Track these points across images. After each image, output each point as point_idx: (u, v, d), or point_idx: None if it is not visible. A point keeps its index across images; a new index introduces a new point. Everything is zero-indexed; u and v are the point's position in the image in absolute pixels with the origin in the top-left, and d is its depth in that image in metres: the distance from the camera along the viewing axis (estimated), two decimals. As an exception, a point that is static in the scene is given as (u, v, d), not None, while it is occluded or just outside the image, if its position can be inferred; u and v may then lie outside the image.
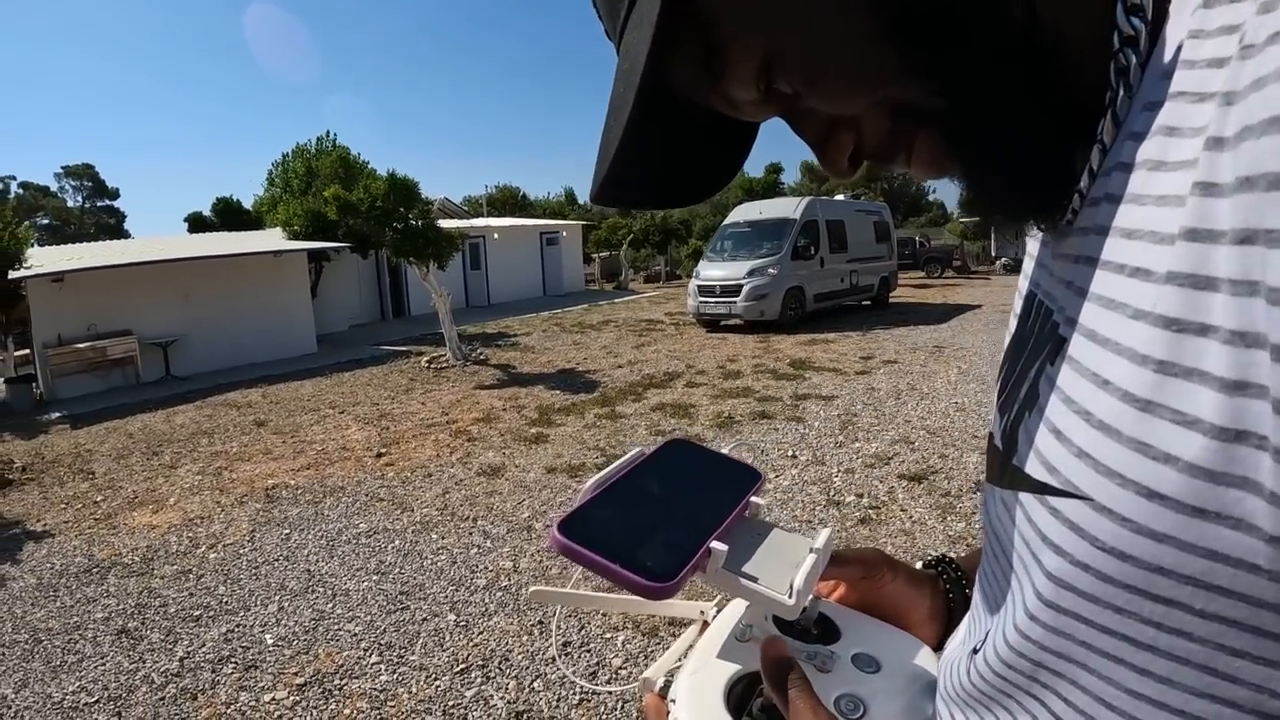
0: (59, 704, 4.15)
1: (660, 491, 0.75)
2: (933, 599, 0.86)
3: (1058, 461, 0.47)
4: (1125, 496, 0.41)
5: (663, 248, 37.91)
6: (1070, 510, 0.45)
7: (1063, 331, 0.51)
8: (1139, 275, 0.42)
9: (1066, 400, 0.47)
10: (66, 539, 6.66)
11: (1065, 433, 0.46)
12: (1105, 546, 0.42)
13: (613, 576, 0.62)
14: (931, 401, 9.70)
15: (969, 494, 6.33)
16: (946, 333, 16.04)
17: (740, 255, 18.68)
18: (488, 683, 4.05)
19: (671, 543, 0.67)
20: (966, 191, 0.56)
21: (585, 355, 15.16)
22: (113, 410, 12.49)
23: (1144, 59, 0.46)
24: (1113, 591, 0.43)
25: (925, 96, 0.51)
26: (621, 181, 0.62)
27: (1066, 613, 0.46)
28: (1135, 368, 0.41)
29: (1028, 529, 0.50)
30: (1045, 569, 0.47)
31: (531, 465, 7.85)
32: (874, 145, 0.57)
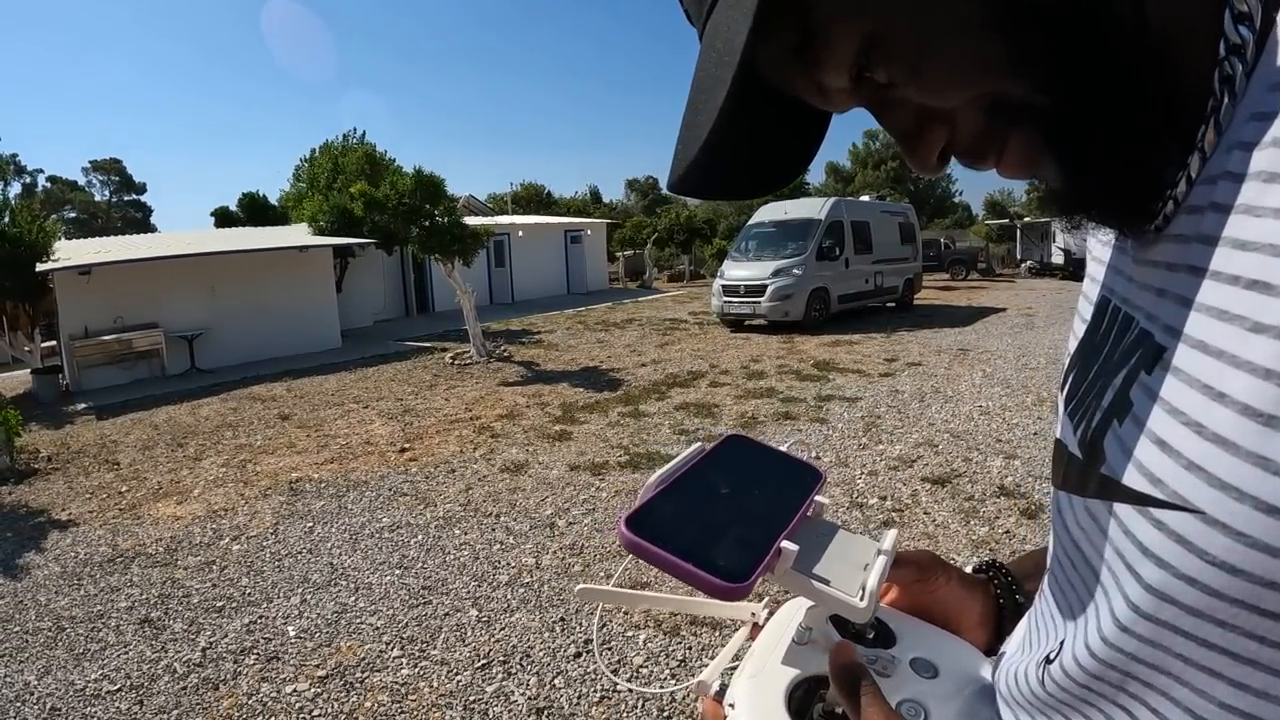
0: (81, 691, 4.17)
1: (724, 488, 0.74)
2: (984, 604, 0.85)
3: (1164, 473, 0.46)
4: (1241, 510, 0.40)
5: (687, 247, 37.85)
6: (1177, 523, 0.44)
7: (1160, 340, 0.49)
8: (1258, 288, 0.41)
9: (1173, 411, 0.46)
10: (91, 528, 6.71)
11: (1172, 444, 0.45)
12: (1215, 560, 0.41)
13: (685, 576, 0.60)
14: (956, 404, 9.64)
15: (992, 498, 6.27)
16: (971, 336, 15.94)
17: (765, 255, 18.61)
18: (509, 679, 4.05)
19: (741, 541, 0.65)
20: (1055, 191, 0.54)
21: (609, 353, 15.16)
22: (138, 402, 12.59)
23: (1249, 68, 0.45)
24: (1218, 606, 0.42)
25: (1029, 92, 0.49)
26: (707, 168, 0.59)
27: (1165, 625, 0.45)
28: (1258, 382, 0.40)
29: (1123, 540, 0.50)
30: (1144, 581, 0.47)
31: (554, 462, 7.85)
32: (966, 141, 0.54)
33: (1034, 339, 14.80)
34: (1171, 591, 0.44)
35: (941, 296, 25.77)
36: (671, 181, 0.62)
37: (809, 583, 0.67)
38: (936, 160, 0.56)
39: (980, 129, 0.53)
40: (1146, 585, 0.46)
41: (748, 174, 0.65)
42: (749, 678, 0.72)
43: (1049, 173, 0.54)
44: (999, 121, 0.52)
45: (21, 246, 13.84)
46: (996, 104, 0.51)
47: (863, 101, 0.57)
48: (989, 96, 0.51)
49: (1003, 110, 0.51)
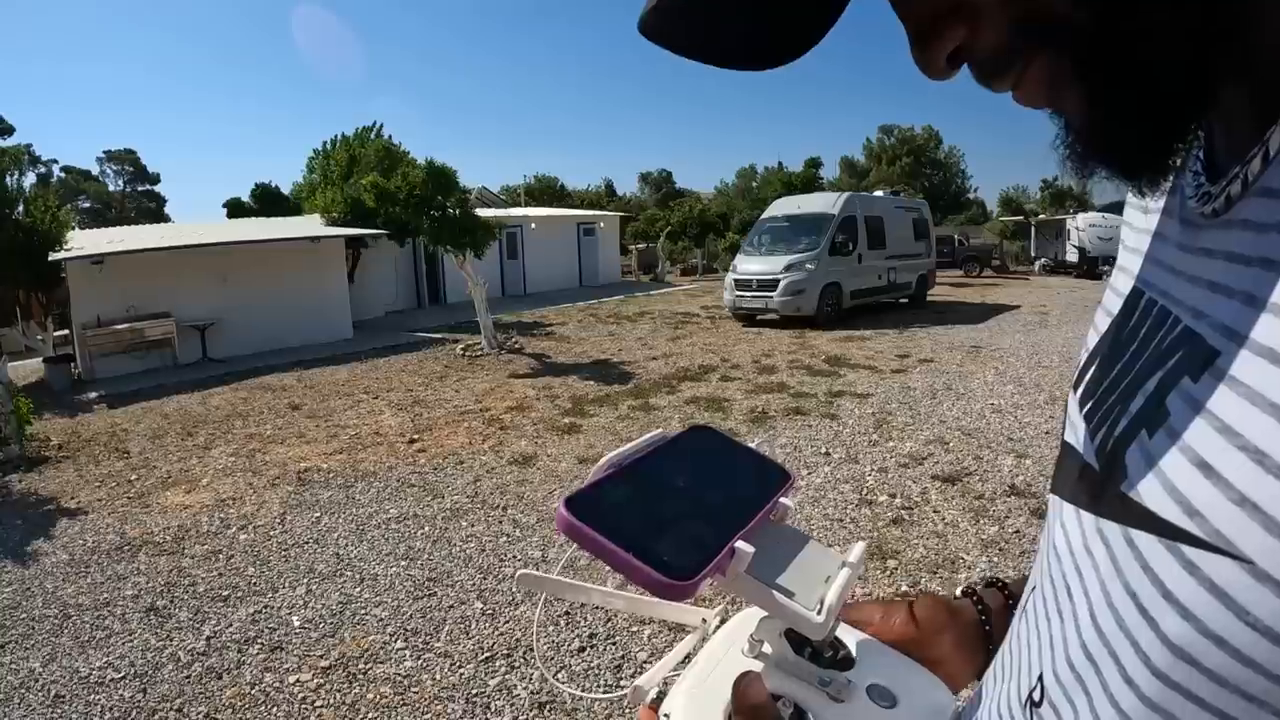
0: (85, 679, 4.18)
1: (681, 479, 0.69)
2: (957, 630, 0.80)
3: (1206, 506, 0.38)
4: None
5: (700, 241, 37.80)
6: (1216, 569, 0.37)
7: (1213, 343, 0.42)
8: None
9: (1225, 430, 0.38)
10: (99, 516, 6.72)
11: (1221, 472, 0.38)
12: (1257, 623, 0.34)
13: (623, 567, 0.56)
14: (967, 402, 9.60)
15: (1002, 497, 6.24)
16: (984, 333, 15.88)
17: (778, 250, 18.55)
18: (512, 672, 4.04)
19: (692, 537, 0.61)
20: (1074, 129, 0.48)
21: (620, 346, 15.15)
22: (149, 391, 12.62)
23: None
24: (1249, 678, 0.35)
25: (1070, 6, 0.42)
26: (681, 11, 0.51)
27: (1178, 689, 0.38)
28: None
29: (1139, 577, 0.42)
30: (1162, 631, 0.39)
31: (563, 455, 7.84)
32: (987, 49, 0.46)
33: (1047, 337, 14.76)
34: (1195, 651, 0.37)
35: (955, 293, 25.70)
36: (641, 16, 0.53)
37: (763, 590, 0.63)
38: (945, 63, 0.48)
39: (1003, 40, 0.46)
40: (1164, 638, 0.39)
41: (731, 35, 0.54)
42: (688, 689, 0.68)
43: (1071, 104, 0.47)
44: (1029, 35, 0.44)
45: (35, 236, 13.93)
46: (1028, 12, 0.44)
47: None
48: (1024, 2, 0.44)
49: (1033, 21, 0.44)
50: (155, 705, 3.90)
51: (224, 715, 3.79)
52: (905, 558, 5.19)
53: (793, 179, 41.77)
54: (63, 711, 3.91)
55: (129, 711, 3.87)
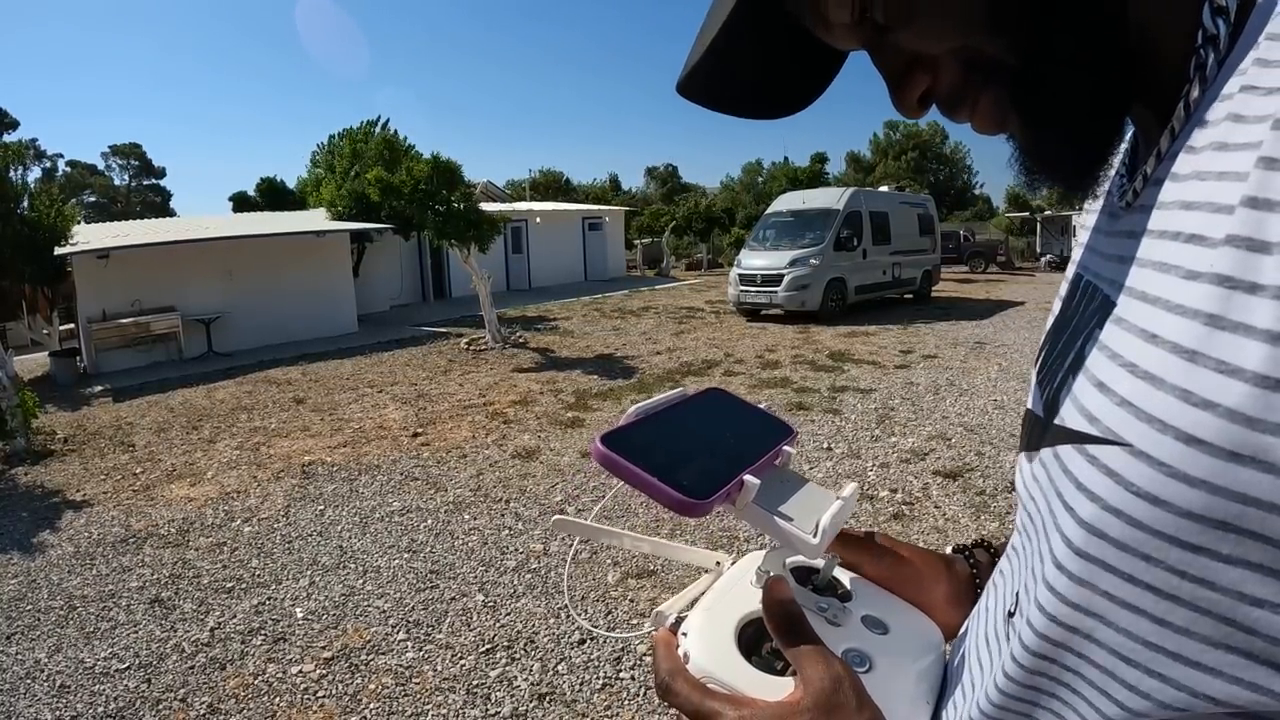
0: (90, 669, 4.21)
1: (699, 427, 0.79)
2: (952, 582, 0.84)
3: (1099, 411, 0.49)
4: (1164, 441, 0.42)
5: (705, 235, 37.82)
6: (1109, 457, 0.47)
7: (1112, 297, 0.54)
8: (1195, 241, 0.44)
9: (1112, 355, 0.50)
10: (105, 509, 6.75)
11: (1109, 384, 0.49)
12: (1141, 491, 0.44)
13: (649, 489, 0.64)
14: (970, 398, 9.61)
15: (1004, 493, 6.25)
16: (988, 329, 15.88)
17: (782, 245, 18.59)
18: (512, 664, 4.06)
19: (707, 470, 0.69)
20: (1018, 148, 0.60)
21: (624, 341, 15.18)
22: (155, 385, 12.66)
23: (1222, 57, 0.48)
24: (1142, 538, 0.44)
25: (1004, 50, 0.54)
26: (711, 75, 0.67)
27: (1095, 561, 0.47)
28: (1185, 321, 0.43)
29: (1063, 480, 0.52)
30: (1078, 516, 0.48)
31: (566, 449, 7.87)
32: (945, 90, 0.59)
33: None
34: (1102, 525, 0.46)
35: (960, 289, 25.69)
36: (679, 80, 0.69)
37: (766, 516, 0.70)
38: (917, 103, 0.60)
39: (957, 81, 0.57)
40: (1080, 520, 0.48)
41: (750, 93, 0.71)
42: (703, 609, 0.74)
43: (1015, 129, 0.59)
44: (975, 76, 0.57)
45: (41, 231, 13.96)
46: (973, 58, 0.56)
47: (861, 41, 0.61)
48: (968, 50, 0.56)
49: (978, 65, 0.56)
50: (159, 695, 3.93)
51: (227, 705, 3.82)
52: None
53: (798, 174, 41.69)
54: (68, 702, 3.94)
55: (133, 702, 3.89)
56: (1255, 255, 0.39)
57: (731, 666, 0.67)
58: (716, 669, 0.66)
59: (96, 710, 3.84)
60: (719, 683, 0.65)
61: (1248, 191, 0.40)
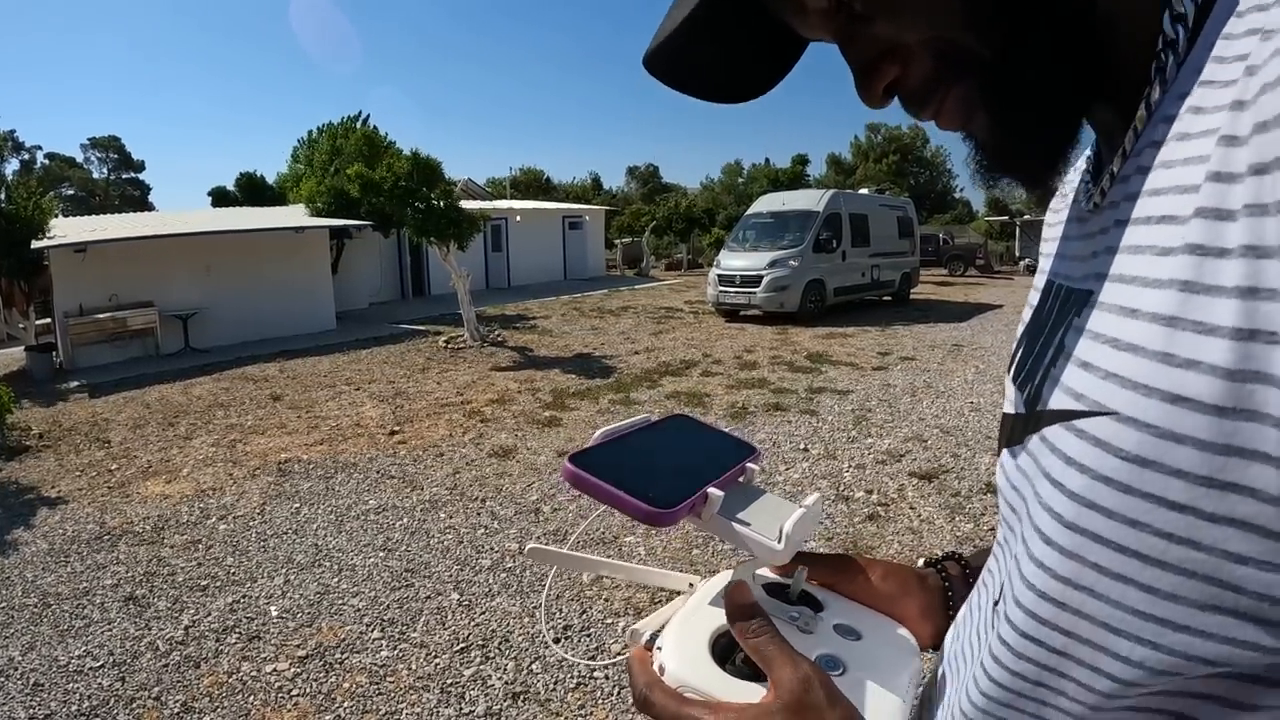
0: (64, 667, 4.20)
1: (664, 449, 0.82)
2: (925, 596, 0.86)
3: (1084, 387, 0.52)
4: (1150, 404, 0.45)
5: (685, 236, 37.85)
6: (1096, 427, 0.49)
7: (1089, 289, 0.57)
8: (1166, 221, 0.48)
9: (1094, 336, 0.53)
10: (80, 506, 6.72)
11: (1093, 362, 0.52)
12: (1129, 455, 0.46)
13: (618, 502, 0.68)
14: (947, 400, 9.68)
15: (979, 494, 6.31)
16: (966, 332, 15.98)
17: (762, 246, 18.64)
18: (486, 662, 4.08)
19: (672, 485, 0.72)
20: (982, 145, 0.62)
21: (603, 340, 15.20)
22: (131, 381, 12.59)
23: (1181, 60, 0.51)
24: (1131, 503, 0.46)
25: (977, 43, 0.56)
26: (675, 55, 0.68)
27: (1084, 533, 0.49)
28: (1162, 293, 0.46)
29: (1050, 458, 0.54)
30: (1067, 490, 0.51)
31: (543, 448, 7.88)
32: (915, 83, 0.60)
33: None
34: (1092, 495, 0.49)
35: (939, 292, 25.81)
36: (645, 55, 0.70)
37: (731, 525, 0.73)
38: (882, 94, 0.61)
39: (928, 74, 0.59)
40: (1069, 493, 0.51)
41: (711, 77, 0.72)
42: (677, 625, 0.76)
43: (980, 126, 0.60)
44: (946, 69, 0.58)
45: (18, 224, 13.87)
46: (946, 50, 0.57)
47: (833, 29, 0.62)
48: (941, 42, 0.57)
49: (950, 58, 0.57)
50: (134, 694, 3.92)
51: (201, 704, 3.82)
52: (880, 554, 5.25)
53: (779, 175, 41.83)
54: (41, 700, 3.93)
55: (107, 700, 3.88)
56: (1222, 223, 0.43)
57: (706, 675, 0.69)
58: (691, 678, 0.68)
59: (70, 708, 3.83)
60: (695, 691, 0.67)
61: (1212, 168, 0.44)
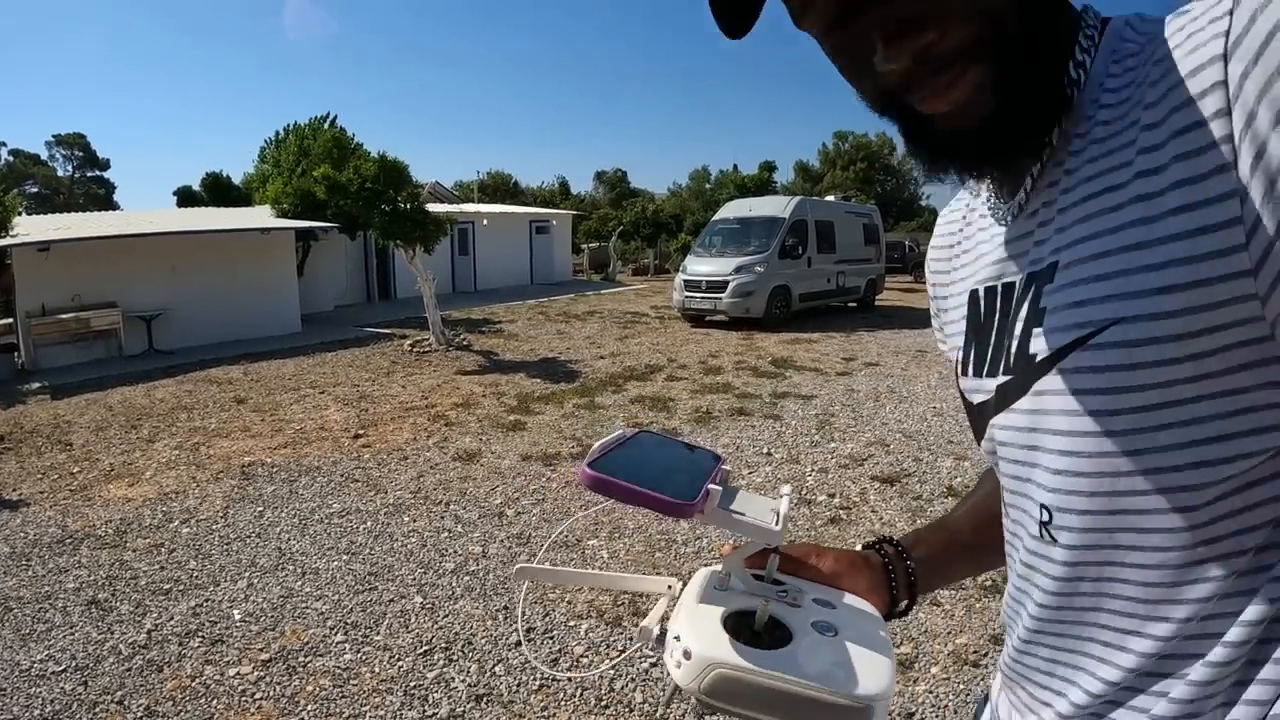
0: (26, 671, 4.17)
1: (650, 457, 0.94)
2: (871, 573, 1.00)
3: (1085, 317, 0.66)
4: (1147, 302, 0.61)
5: (652, 241, 37.93)
6: (1110, 336, 0.63)
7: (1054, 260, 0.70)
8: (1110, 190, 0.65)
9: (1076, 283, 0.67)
10: (41, 509, 6.66)
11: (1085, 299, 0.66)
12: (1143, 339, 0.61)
13: (645, 500, 0.80)
14: (910, 405, 9.80)
15: (940, 498, 6.41)
16: (930, 337, 15.99)
17: (728, 252, 18.76)
18: (450, 665, 4.10)
19: (678, 484, 0.85)
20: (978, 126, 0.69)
21: (568, 345, 15.22)
22: (94, 382, 12.46)
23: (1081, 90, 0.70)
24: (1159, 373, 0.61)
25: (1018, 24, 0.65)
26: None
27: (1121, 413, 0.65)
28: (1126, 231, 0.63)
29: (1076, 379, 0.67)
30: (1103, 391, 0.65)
31: (507, 452, 7.91)
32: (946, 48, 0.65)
33: None
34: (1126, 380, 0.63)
35: (904, 298, 26.06)
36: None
37: (730, 515, 0.87)
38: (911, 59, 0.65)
39: (964, 43, 0.64)
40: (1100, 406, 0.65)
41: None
42: (686, 616, 0.85)
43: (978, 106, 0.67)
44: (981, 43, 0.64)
45: (-21, 221, 13.67)
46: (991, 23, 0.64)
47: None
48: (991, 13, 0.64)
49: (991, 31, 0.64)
50: (96, 698, 3.91)
51: (164, 708, 3.81)
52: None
53: (746, 182, 41.92)
54: (3, 704, 3.90)
55: (69, 705, 3.86)
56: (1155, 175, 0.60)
57: (728, 649, 0.78)
58: (716, 653, 0.78)
59: (33, 713, 3.81)
60: (724, 664, 0.77)
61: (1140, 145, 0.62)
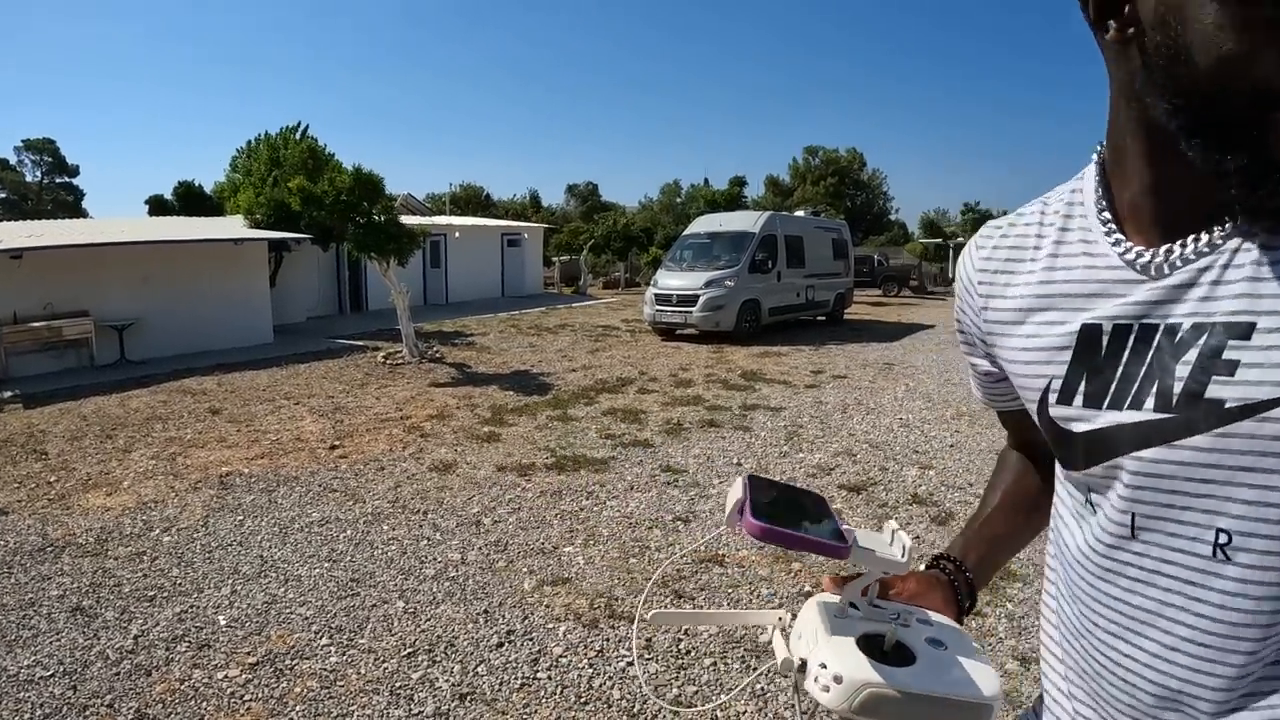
0: (14, 676, 4.24)
1: (779, 501, 1.08)
2: (943, 591, 1.19)
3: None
4: None
5: (623, 254, 38.09)
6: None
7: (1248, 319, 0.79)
8: None
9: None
10: (19, 518, 6.70)
11: None
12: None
13: (810, 546, 0.98)
14: (877, 416, 10.02)
15: (904, 505, 6.61)
16: (898, 351, 16.42)
17: (699, 266, 18.95)
18: (434, 666, 4.24)
19: (822, 527, 1.03)
20: None
21: (540, 358, 15.35)
22: (67, 391, 12.45)
23: None
24: None
25: None
26: None
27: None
28: None
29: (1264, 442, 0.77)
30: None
31: (483, 463, 8.04)
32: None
33: (958, 355, 14.80)
34: None
35: (873, 312, 26.37)
36: None
37: (869, 553, 1.04)
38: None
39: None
40: None
41: None
42: (825, 645, 1.00)
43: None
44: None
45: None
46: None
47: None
48: None
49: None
50: (86, 702, 3.99)
51: (155, 710, 3.90)
52: (809, 560, 5.50)
53: (717, 197, 42.21)
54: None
55: (59, 708, 3.94)
56: None
57: (869, 669, 0.94)
58: (862, 674, 0.93)
59: (23, 716, 3.89)
60: (874, 684, 0.92)
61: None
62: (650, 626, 4.63)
